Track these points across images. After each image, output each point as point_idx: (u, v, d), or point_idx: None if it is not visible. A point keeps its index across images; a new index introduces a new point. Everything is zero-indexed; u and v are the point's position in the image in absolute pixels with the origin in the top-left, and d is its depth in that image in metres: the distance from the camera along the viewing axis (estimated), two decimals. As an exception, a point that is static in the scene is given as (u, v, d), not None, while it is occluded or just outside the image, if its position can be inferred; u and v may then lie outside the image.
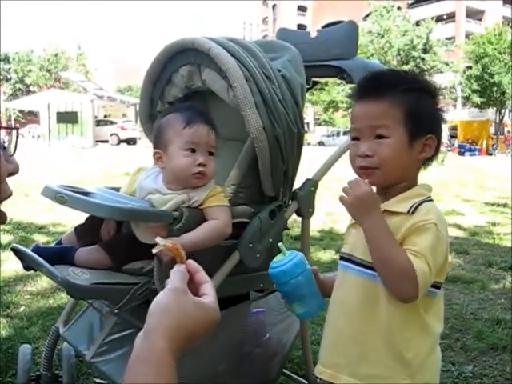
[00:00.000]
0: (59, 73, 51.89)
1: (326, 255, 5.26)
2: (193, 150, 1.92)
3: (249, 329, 2.23)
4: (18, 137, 0.94)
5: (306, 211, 2.13)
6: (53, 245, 2.17)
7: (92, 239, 2.00)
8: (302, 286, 1.64)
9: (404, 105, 1.53)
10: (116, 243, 1.96)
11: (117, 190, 2.14)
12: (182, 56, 2.13)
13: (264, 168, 1.97)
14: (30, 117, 45.79)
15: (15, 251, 2.00)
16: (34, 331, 3.18)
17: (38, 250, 1.93)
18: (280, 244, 1.63)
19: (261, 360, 2.26)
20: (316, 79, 2.54)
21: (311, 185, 2.13)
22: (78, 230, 2.09)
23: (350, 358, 1.56)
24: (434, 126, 1.59)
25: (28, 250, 1.94)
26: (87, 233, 2.06)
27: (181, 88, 2.22)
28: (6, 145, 0.92)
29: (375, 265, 1.47)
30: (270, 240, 2.02)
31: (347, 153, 1.67)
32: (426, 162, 1.61)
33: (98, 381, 2.62)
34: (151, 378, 0.85)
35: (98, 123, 33.89)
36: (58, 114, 31.85)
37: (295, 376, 2.51)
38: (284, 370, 2.47)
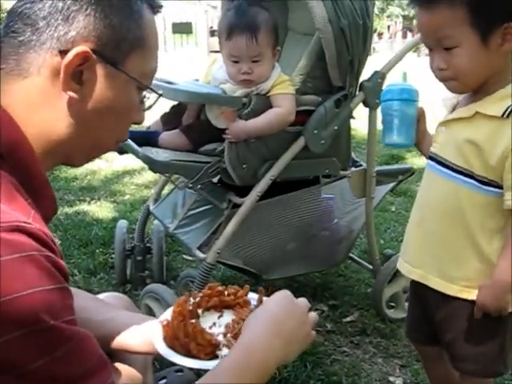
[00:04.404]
0: (175, -17, 52.16)
1: (423, 160, 5.21)
2: (236, 61, 2.04)
3: (317, 212, 2.38)
4: (158, 99, 1.07)
5: (372, 102, 2.19)
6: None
7: (175, 125, 2.22)
8: (410, 114, 1.57)
9: (464, 1, 1.33)
10: (193, 127, 2.17)
11: (197, 81, 2.32)
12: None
13: (330, 58, 2.04)
14: (148, 28, 46.68)
15: None
16: (135, 214, 3.55)
17: (126, 133, 2.18)
18: (405, 72, 1.60)
19: (327, 243, 2.43)
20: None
21: (379, 76, 2.19)
22: (164, 117, 2.32)
23: (438, 259, 1.53)
24: None
25: None
26: (171, 119, 2.28)
27: (260, -15, 2.31)
28: (144, 99, 1.04)
29: None
30: (335, 128, 2.13)
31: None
32: None
33: (185, 257, 2.93)
34: None
35: (213, 34, 34.08)
36: (174, 24, 32.36)
37: (361, 261, 2.67)
38: (351, 255, 2.63)
